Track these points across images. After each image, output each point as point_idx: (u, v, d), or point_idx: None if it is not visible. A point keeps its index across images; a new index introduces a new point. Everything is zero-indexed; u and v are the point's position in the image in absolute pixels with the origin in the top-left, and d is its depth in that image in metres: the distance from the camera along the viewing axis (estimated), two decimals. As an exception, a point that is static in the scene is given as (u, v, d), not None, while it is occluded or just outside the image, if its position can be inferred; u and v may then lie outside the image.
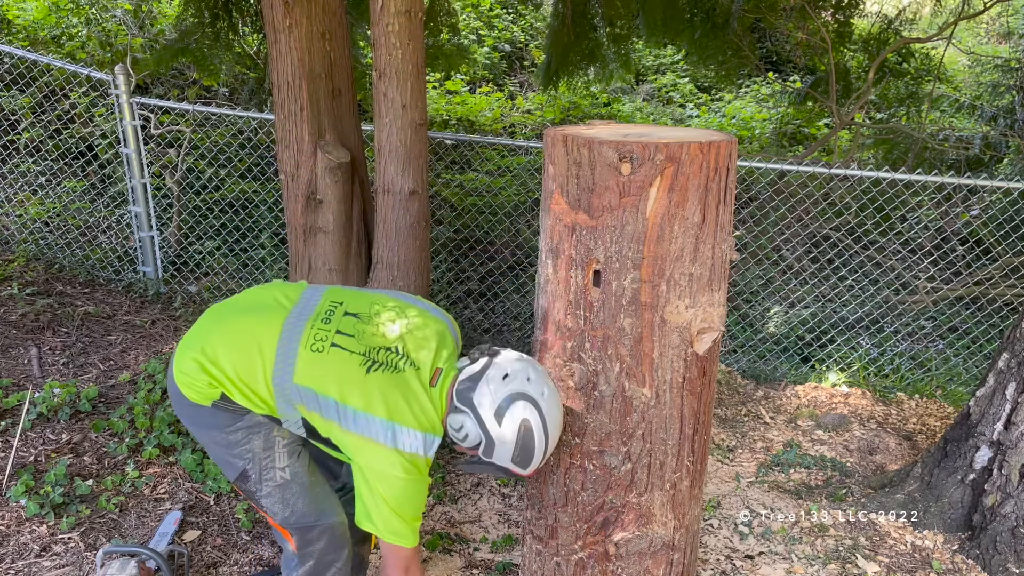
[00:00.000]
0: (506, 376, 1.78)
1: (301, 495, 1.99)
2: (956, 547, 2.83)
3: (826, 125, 7.36)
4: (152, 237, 4.60)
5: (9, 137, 5.36)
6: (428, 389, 1.86)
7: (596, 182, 1.68)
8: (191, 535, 2.70)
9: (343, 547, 2.06)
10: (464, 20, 8.38)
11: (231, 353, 1.88)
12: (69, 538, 2.62)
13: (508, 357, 1.84)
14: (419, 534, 1.91)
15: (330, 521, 2.03)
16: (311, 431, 1.92)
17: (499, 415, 1.76)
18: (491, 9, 9.03)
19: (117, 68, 4.32)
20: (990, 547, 2.72)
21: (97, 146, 5.41)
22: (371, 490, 1.83)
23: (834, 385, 4.18)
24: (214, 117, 5.34)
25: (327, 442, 1.95)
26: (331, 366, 1.83)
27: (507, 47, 8.83)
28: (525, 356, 1.86)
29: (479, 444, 1.80)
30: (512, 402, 1.76)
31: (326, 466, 2.20)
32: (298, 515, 1.99)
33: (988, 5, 5.34)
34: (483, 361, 1.83)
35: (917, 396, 4.10)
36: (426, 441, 1.83)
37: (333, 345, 1.85)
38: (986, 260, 4.95)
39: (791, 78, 8.08)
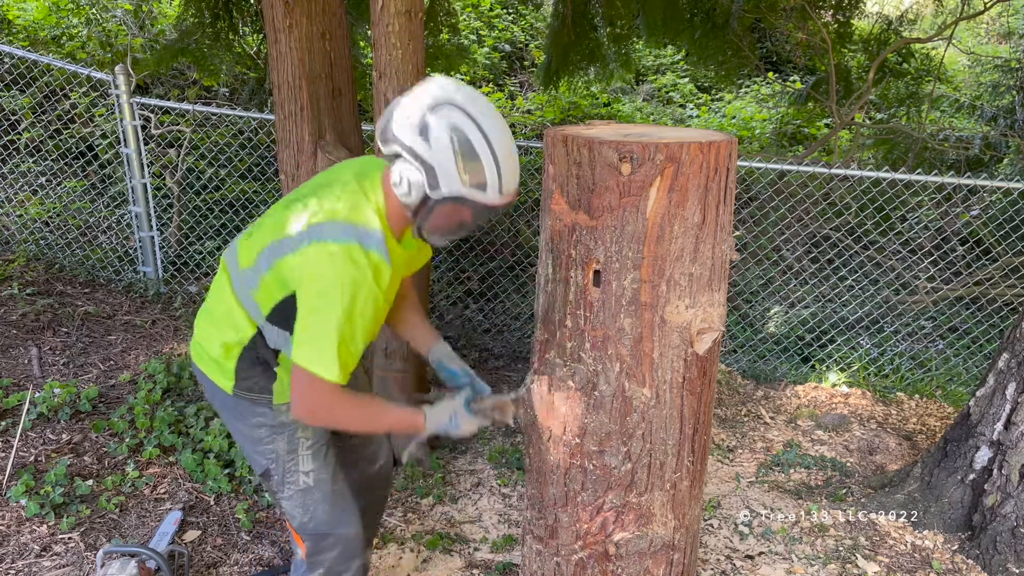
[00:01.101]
0: (418, 92, 1.62)
1: (323, 502, 1.95)
2: (956, 547, 2.83)
3: (826, 125, 7.37)
4: (152, 237, 4.60)
5: (9, 137, 5.36)
6: (358, 188, 1.75)
7: (596, 182, 1.68)
8: (191, 535, 2.70)
9: (355, 559, 2.01)
10: (464, 20, 8.38)
11: (206, 307, 1.93)
12: (69, 538, 2.62)
13: (420, 84, 1.67)
14: (347, 374, 1.70)
15: (347, 532, 1.98)
16: (279, 314, 1.78)
17: (424, 132, 1.59)
18: (491, 9, 9.03)
19: (117, 68, 4.32)
20: (990, 547, 2.72)
21: (97, 146, 5.41)
22: (309, 309, 1.67)
23: (834, 385, 4.18)
24: (214, 117, 5.35)
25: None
26: (262, 231, 1.81)
27: (507, 47, 8.83)
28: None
29: (423, 184, 1.63)
30: (432, 113, 1.59)
31: (358, 467, 2.17)
32: (316, 522, 1.95)
33: (988, 5, 5.34)
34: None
35: (917, 396, 4.10)
36: (358, 231, 1.68)
37: (260, 226, 1.84)
38: (986, 260, 4.95)
39: (791, 78, 8.09)
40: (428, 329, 2.15)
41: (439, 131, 1.59)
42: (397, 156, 1.66)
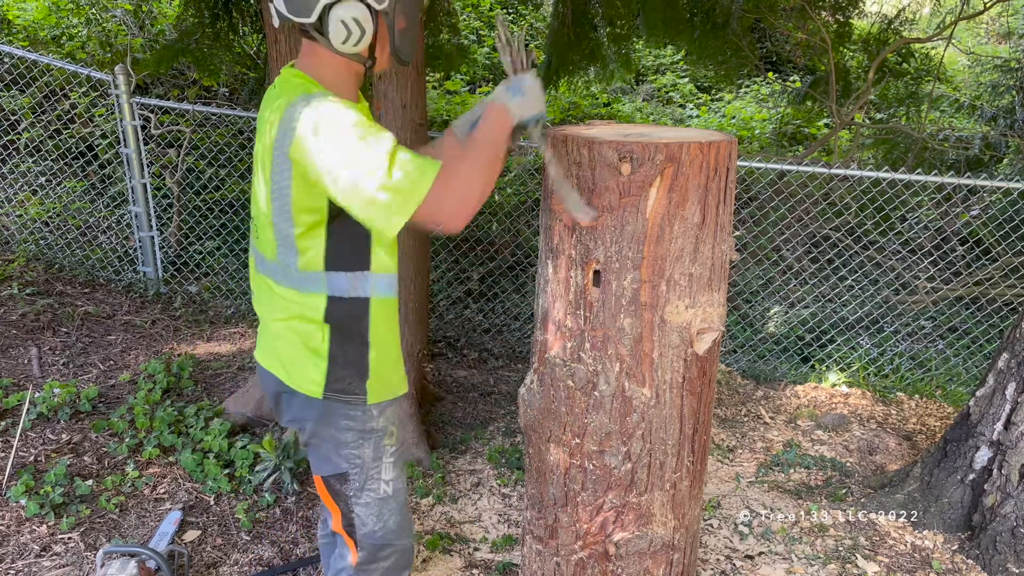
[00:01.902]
0: None
1: (396, 512, 1.91)
2: (956, 547, 2.83)
3: (826, 125, 7.37)
4: (152, 237, 4.60)
5: (9, 137, 5.36)
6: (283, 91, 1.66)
7: (596, 182, 1.69)
8: (191, 535, 2.70)
9: (405, 568, 1.99)
10: (464, 20, 8.38)
11: (271, 332, 1.83)
12: (69, 538, 2.62)
13: None
14: (408, 157, 1.55)
15: (405, 544, 1.95)
16: (333, 251, 1.68)
17: None
18: (491, 9, 9.03)
19: (117, 68, 4.32)
20: (990, 547, 2.72)
21: (97, 146, 5.41)
22: (335, 164, 1.52)
23: (834, 385, 4.18)
24: (214, 117, 5.34)
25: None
26: (258, 217, 1.75)
27: (507, 47, 8.81)
28: None
29: (370, 12, 1.61)
30: None
31: None
32: (385, 531, 1.90)
33: (988, 5, 5.34)
34: None
35: (917, 396, 4.10)
36: (304, 96, 1.60)
37: (255, 220, 1.79)
38: (986, 260, 4.95)
39: (791, 78, 8.08)
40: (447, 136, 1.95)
41: None
42: (321, 18, 1.59)
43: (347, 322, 1.75)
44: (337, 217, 1.65)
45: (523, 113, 1.66)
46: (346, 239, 1.68)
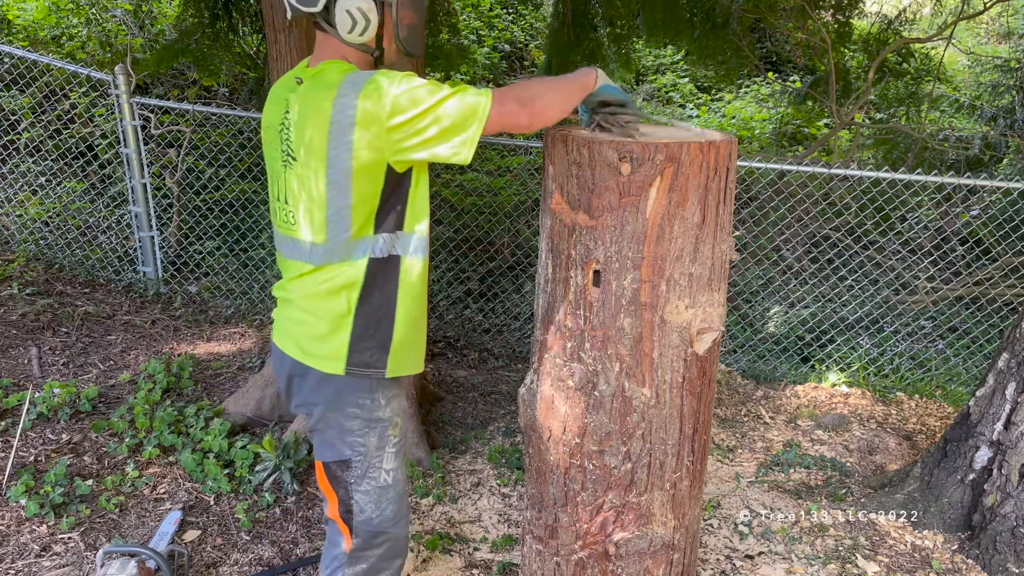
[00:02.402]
0: None
1: (394, 501, 1.94)
2: (956, 547, 2.83)
3: (826, 125, 7.37)
4: (152, 237, 4.60)
5: (9, 137, 5.36)
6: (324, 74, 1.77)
7: (596, 182, 1.69)
8: (191, 535, 2.70)
9: (398, 557, 2.01)
10: (464, 20, 8.38)
11: (295, 306, 1.89)
12: (69, 538, 2.62)
13: None
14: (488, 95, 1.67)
15: (400, 532, 1.98)
16: (383, 213, 1.77)
17: None
18: (491, 9, 9.03)
19: (117, 68, 4.32)
20: (990, 547, 2.72)
21: (97, 146, 5.41)
22: (419, 115, 1.64)
23: (834, 385, 4.18)
24: (214, 117, 5.35)
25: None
26: (297, 190, 1.81)
27: (507, 47, 8.83)
28: None
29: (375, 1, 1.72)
30: None
31: None
32: (382, 519, 1.94)
33: (988, 5, 5.34)
34: None
35: (917, 396, 4.10)
36: (355, 75, 1.70)
37: (287, 199, 1.85)
38: (986, 260, 4.95)
39: (791, 78, 8.09)
40: None
41: None
42: (328, 7, 1.69)
43: (379, 282, 1.81)
44: (391, 180, 1.73)
45: (602, 81, 1.81)
46: (391, 203, 1.75)
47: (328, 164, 1.70)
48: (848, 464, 3.42)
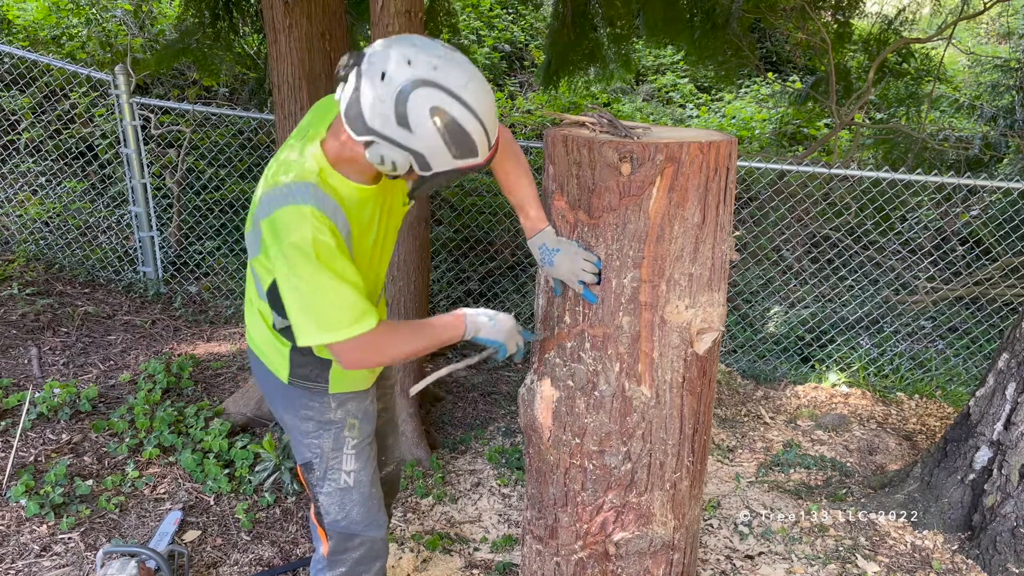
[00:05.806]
0: (384, 76, 1.46)
1: (359, 503, 1.95)
2: (956, 547, 2.83)
3: (826, 125, 7.36)
4: (152, 237, 4.60)
5: (9, 137, 5.36)
6: (301, 147, 1.66)
7: (596, 182, 1.69)
8: (191, 535, 2.70)
9: (376, 560, 2.02)
10: (464, 20, 8.38)
11: (247, 296, 1.93)
12: (69, 538, 2.62)
13: (375, 50, 1.51)
14: (370, 310, 1.63)
15: (374, 535, 1.98)
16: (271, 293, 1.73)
17: (403, 123, 1.46)
18: (491, 9, 9.03)
19: (117, 68, 4.32)
20: (990, 547, 2.72)
21: (97, 146, 5.41)
22: (298, 278, 1.57)
23: (834, 385, 4.18)
24: (214, 117, 5.34)
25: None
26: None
27: (507, 47, 8.82)
28: (394, 37, 1.55)
29: (412, 165, 1.53)
30: (407, 100, 1.45)
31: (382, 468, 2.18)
32: (349, 521, 1.95)
33: (988, 5, 5.34)
34: (352, 73, 1.52)
35: (917, 396, 4.10)
36: (297, 189, 1.59)
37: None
38: (986, 260, 4.95)
39: (791, 78, 8.08)
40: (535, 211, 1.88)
41: (421, 119, 1.46)
42: (368, 143, 1.54)
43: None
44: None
45: (471, 332, 1.80)
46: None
47: (251, 212, 1.71)
48: (848, 464, 3.42)
